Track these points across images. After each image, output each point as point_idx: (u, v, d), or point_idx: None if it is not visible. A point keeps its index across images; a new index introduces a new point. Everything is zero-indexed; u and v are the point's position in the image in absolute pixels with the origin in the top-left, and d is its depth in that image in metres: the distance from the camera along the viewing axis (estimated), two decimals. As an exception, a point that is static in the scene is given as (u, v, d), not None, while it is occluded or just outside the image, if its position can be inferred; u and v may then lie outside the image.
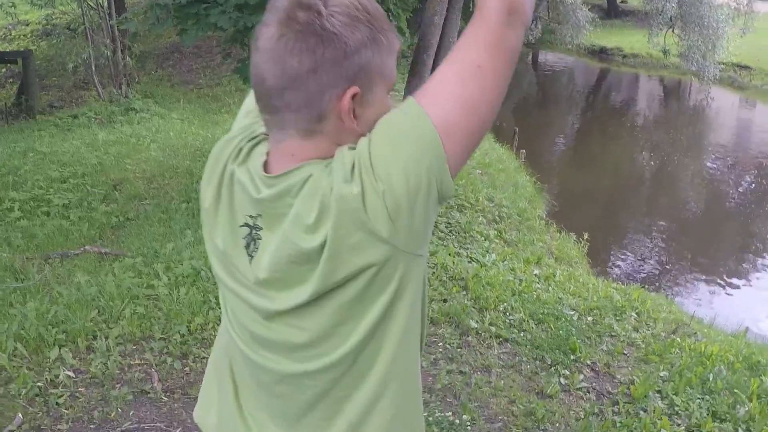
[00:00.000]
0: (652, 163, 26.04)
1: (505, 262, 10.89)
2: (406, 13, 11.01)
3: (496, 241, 12.33)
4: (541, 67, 43.50)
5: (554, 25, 39.07)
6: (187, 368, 6.90)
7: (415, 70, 10.37)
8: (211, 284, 8.29)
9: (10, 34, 30.41)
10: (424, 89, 1.83)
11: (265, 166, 1.96)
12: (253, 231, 1.98)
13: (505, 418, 6.68)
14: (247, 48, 10.54)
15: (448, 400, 6.88)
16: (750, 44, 41.42)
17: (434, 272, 9.64)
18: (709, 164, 26.10)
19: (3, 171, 13.12)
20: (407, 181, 1.71)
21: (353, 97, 1.82)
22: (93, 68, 20.57)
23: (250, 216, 1.99)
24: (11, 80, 24.77)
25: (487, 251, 11.27)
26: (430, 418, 6.38)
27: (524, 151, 19.66)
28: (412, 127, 1.74)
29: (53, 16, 28.66)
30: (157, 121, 18.71)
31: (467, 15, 28.44)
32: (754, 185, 24.22)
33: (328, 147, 1.86)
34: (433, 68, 10.42)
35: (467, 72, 1.77)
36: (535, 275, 10.53)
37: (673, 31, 36.61)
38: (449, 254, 10.49)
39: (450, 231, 11.95)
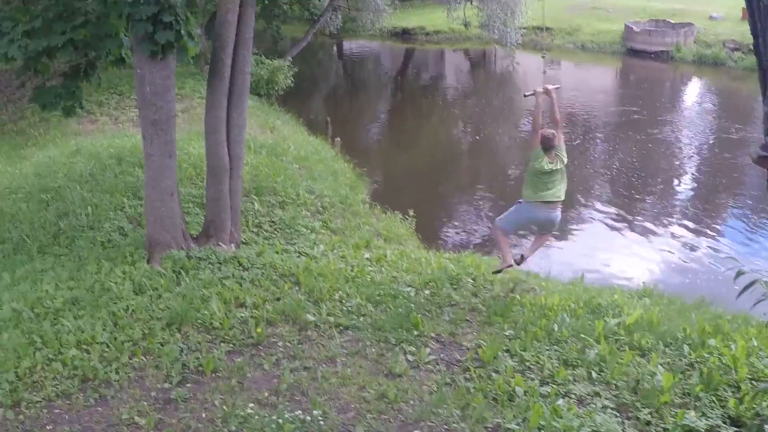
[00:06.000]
0: (468, 132, 26.47)
1: (335, 251, 10.72)
2: (196, 16, 10.69)
3: (323, 231, 12.15)
4: (347, 56, 43.64)
5: (354, 12, 38.96)
6: (21, 416, 6.45)
7: (215, 70, 10.04)
8: (36, 324, 7.84)
9: None
10: None
11: None
12: None
13: (358, 405, 6.55)
14: (41, 74, 10.04)
15: (296, 398, 6.68)
16: (549, 6, 42.74)
17: (263, 272, 9.38)
18: (523, 126, 26.67)
19: None
20: None
21: None
22: None
23: None
24: None
25: (315, 243, 11.08)
26: (280, 420, 6.16)
27: (339, 139, 19.59)
28: None
29: None
30: (-43, 166, 17.61)
31: (265, 13, 28.28)
32: (570, 141, 24.86)
33: None
34: (233, 66, 10.17)
35: None
36: (367, 259, 10.38)
37: (471, 3, 37.16)
38: (276, 252, 10.23)
39: (275, 229, 11.70)
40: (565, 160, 9.09)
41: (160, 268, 9.37)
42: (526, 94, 9.92)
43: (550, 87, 9.53)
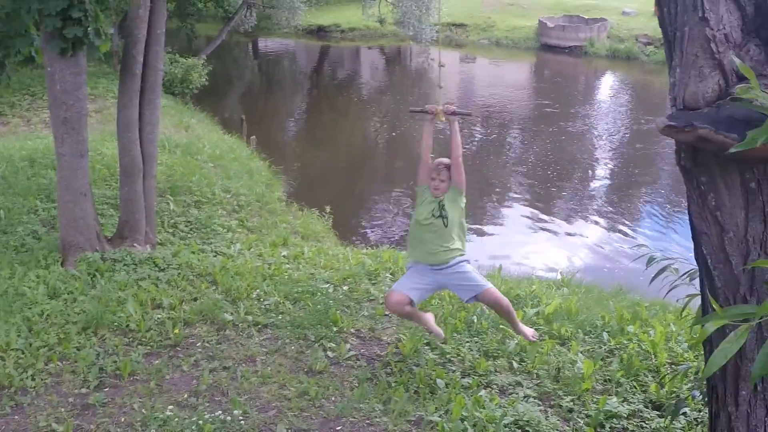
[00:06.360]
0: (384, 129, 26.51)
1: (252, 250, 10.67)
2: (108, 14, 10.54)
3: (239, 230, 12.08)
4: (262, 54, 43.50)
5: (269, 10, 38.76)
6: None
7: (127, 66, 9.90)
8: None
9: None
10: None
11: None
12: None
13: (279, 404, 6.48)
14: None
15: (216, 399, 6.59)
16: (464, 2, 43.18)
17: (180, 272, 9.26)
18: (438, 123, 26.76)
19: None
20: None
21: None
22: None
23: None
24: None
25: (232, 242, 11.02)
26: (200, 421, 6.06)
27: (254, 137, 19.52)
28: None
29: None
30: None
31: (180, 11, 27.98)
32: (486, 136, 25.09)
33: None
34: (145, 62, 10.03)
35: None
36: (284, 256, 10.36)
37: (386, 0, 37.29)
38: (193, 252, 10.12)
39: (191, 229, 11.59)
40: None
41: (74, 271, 9.18)
42: (414, 109, 7.46)
43: (454, 109, 7.04)
